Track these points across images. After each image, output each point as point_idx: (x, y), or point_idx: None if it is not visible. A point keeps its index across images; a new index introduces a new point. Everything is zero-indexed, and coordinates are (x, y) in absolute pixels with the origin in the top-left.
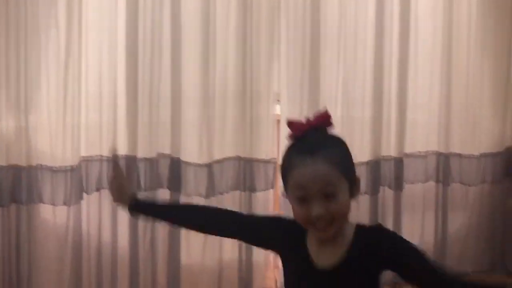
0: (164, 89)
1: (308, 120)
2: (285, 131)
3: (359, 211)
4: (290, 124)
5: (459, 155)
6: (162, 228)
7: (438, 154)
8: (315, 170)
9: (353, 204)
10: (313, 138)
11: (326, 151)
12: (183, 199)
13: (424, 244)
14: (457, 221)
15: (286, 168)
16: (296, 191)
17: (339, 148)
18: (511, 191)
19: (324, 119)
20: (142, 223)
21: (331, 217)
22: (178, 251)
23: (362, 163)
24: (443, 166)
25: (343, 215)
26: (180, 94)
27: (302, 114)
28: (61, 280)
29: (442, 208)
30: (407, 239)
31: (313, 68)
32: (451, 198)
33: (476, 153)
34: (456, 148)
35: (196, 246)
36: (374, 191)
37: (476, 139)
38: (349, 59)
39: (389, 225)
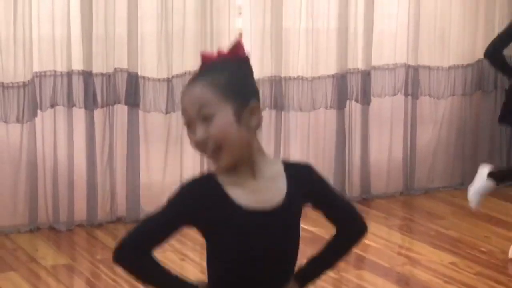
0: (120, 1)
1: (220, 52)
2: (248, 45)
3: (326, 127)
4: (202, 55)
5: (428, 68)
6: (120, 146)
7: (407, 67)
8: (191, 92)
9: (320, 119)
10: (211, 67)
11: (210, 75)
12: (142, 115)
13: (393, 158)
14: (426, 135)
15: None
16: (182, 116)
17: (230, 72)
18: (482, 105)
19: (237, 51)
20: (100, 140)
21: (214, 142)
22: (137, 169)
23: (328, 76)
24: (412, 79)
25: (229, 140)
26: (137, 7)
27: (265, 27)
28: (17, 200)
29: (411, 121)
30: None
31: None
32: (420, 112)
33: (446, 65)
34: (425, 60)
35: (156, 165)
36: (340, 105)
37: (445, 51)
38: None
39: (357, 139)
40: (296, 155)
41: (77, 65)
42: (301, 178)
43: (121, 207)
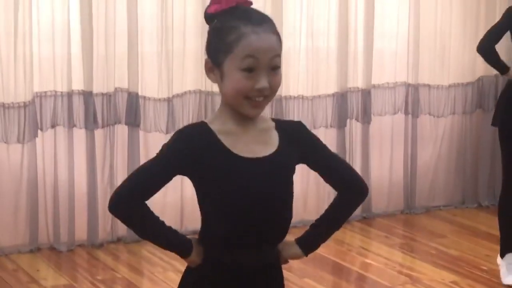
0: (120, 21)
1: None
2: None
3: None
4: None
5: (428, 86)
6: (120, 163)
7: (407, 85)
8: (268, 39)
9: (321, 138)
10: (251, 10)
11: (272, 23)
12: (142, 135)
13: (393, 177)
14: (427, 154)
15: (231, 38)
16: (246, 60)
17: (275, 24)
18: (482, 123)
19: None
20: (100, 160)
21: (270, 92)
22: None
23: (328, 95)
24: (412, 97)
25: (276, 92)
26: (137, 26)
27: None
28: (17, 221)
29: (411, 140)
30: None
31: (275, 1)
32: (420, 130)
33: (446, 83)
34: (425, 79)
35: None
36: (341, 124)
37: (445, 69)
38: None
39: (357, 158)
40: (296, 175)
41: (78, 85)
42: (293, 133)
43: (121, 226)
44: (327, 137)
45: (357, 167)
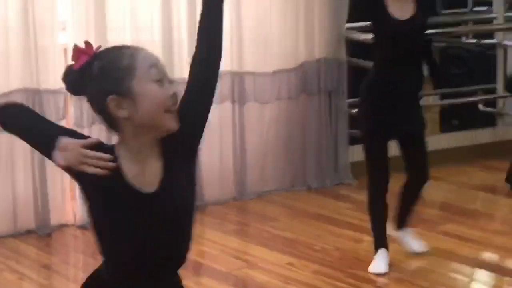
0: None
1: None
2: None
3: None
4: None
5: (253, 74)
6: None
7: (232, 74)
8: (155, 56)
9: None
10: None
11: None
12: None
13: (224, 165)
14: (255, 140)
15: (125, 62)
16: (152, 70)
17: None
18: (307, 107)
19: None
20: None
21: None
22: None
23: None
24: (238, 85)
25: None
26: None
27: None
28: None
29: (239, 127)
30: None
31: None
32: (248, 117)
33: (270, 70)
34: (249, 66)
35: None
36: None
37: (268, 56)
38: None
39: None
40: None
41: None
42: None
43: None
44: None
45: None
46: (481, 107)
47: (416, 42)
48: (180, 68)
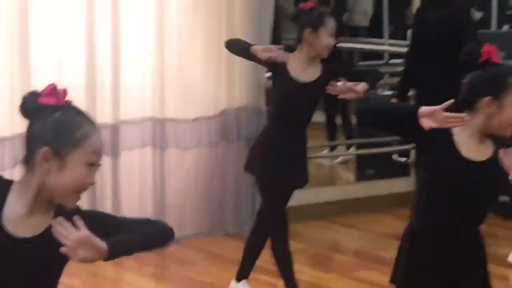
0: None
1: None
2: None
3: None
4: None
5: (174, 120)
6: None
7: (154, 120)
8: (101, 140)
9: None
10: (79, 108)
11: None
12: None
13: (144, 208)
14: (175, 185)
15: (79, 134)
16: (92, 156)
17: None
18: (227, 154)
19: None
20: None
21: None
22: None
23: None
24: (159, 131)
25: None
26: None
27: (14, 84)
28: None
29: (160, 173)
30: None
31: (23, 43)
32: (168, 163)
33: (191, 117)
34: (171, 113)
35: None
36: None
37: (190, 103)
38: (60, 33)
39: (108, 192)
40: None
41: None
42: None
43: None
44: None
45: (108, 201)
46: (395, 157)
47: (305, 106)
48: (103, 113)
